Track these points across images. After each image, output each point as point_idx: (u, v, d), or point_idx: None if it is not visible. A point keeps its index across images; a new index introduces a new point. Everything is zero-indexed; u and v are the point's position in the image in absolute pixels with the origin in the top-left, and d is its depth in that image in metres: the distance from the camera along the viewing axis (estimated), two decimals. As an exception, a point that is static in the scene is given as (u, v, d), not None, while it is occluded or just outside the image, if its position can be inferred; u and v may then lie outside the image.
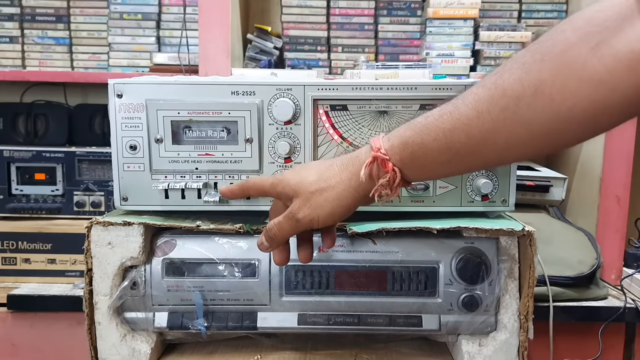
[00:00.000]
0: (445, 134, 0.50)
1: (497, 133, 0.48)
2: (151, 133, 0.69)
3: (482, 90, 0.48)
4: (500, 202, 0.70)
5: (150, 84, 0.69)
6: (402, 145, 0.53)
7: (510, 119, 0.47)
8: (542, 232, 0.76)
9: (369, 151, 0.55)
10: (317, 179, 0.57)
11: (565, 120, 0.45)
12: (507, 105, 0.47)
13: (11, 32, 1.29)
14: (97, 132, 1.27)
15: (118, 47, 1.28)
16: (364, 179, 0.55)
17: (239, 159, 0.70)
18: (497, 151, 0.50)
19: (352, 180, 0.56)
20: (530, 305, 0.68)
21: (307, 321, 0.70)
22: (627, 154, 1.09)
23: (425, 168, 0.54)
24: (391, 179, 0.54)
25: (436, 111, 0.52)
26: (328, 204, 0.57)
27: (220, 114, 0.68)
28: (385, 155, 0.54)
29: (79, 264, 1.08)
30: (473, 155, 0.51)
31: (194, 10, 1.24)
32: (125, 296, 0.69)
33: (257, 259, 0.69)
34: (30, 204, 1.12)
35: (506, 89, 0.47)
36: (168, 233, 0.71)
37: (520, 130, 0.47)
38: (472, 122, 0.49)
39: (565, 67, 0.44)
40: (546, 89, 0.44)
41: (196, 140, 0.69)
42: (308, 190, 0.57)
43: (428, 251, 0.69)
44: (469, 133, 0.49)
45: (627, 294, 1.03)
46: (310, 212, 0.57)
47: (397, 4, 1.29)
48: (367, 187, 0.56)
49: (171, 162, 0.70)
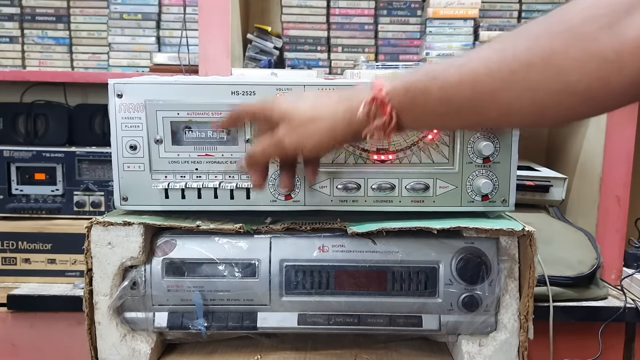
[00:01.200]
0: (452, 84, 0.50)
1: (502, 93, 0.48)
2: (151, 134, 0.69)
3: (492, 52, 0.49)
4: (500, 202, 0.70)
5: (150, 84, 0.69)
6: (404, 89, 0.53)
7: (518, 83, 0.47)
8: (542, 232, 0.76)
9: (370, 89, 0.54)
10: (310, 107, 0.57)
11: (570, 94, 0.46)
12: (518, 69, 0.47)
13: (11, 32, 1.29)
14: (97, 132, 1.27)
15: (118, 47, 1.28)
16: (360, 116, 0.54)
17: (239, 159, 0.70)
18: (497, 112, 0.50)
19: (347, 114, 0.55)
20: (530, 305, 0.68)
21: (307, 321, 0.70)
22: (627, 154, 1.09)
23: (422, 116, 0.54)
24: (387, 122, 0.54)
25: (443, 62, 0.52)
26: (317, 134, 0.56)
27: (220, 114, 0.68)
28: (385, 97, 0.53)
29: (79, 264, 1.07)
30: (472, 112, 0.51)
31: (194, 10, 1.24)
32: (125, 296, 0.69)
33: (257, 259, 0.69)
34: (30, 204, 1.12)
35: (517, 54, 0.47)
36: (168, 233, 0.71)
37: (525, 96, 0.48)
38: (480, 78, 0.49)
39: (577, 41, 0.44)
40: (556, 59, 0.45)
41: (196, 141, 0.69)
42: (299, 117, 0.57)
43: (428, 251, 0.69)
44: (475, 88, 0.49)
45: (627, 294, 1.03)
46: (298, 140, 0.57)
47: (397, 4, 1.29)
48: (360, 125, 0.55)
49: (171, 163, 0.70)
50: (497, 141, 0.68)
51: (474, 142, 0.68)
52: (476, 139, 0.68)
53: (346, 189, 0.70)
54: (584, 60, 0.44)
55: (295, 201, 0.70)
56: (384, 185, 0.70)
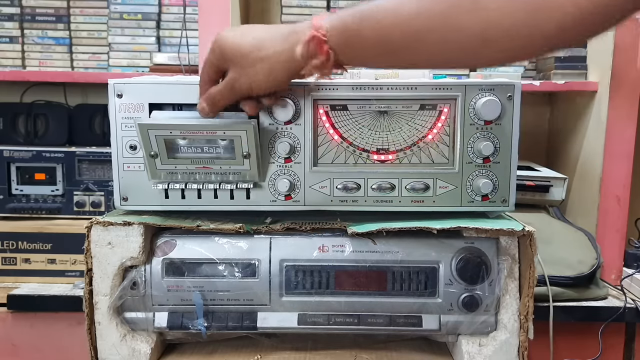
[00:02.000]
0: (383, 28, 0.52)
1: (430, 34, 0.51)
2: (146, 150, 0.66)
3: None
4: (500, 202, 0.70)
5: (151, 84, 0.68)
6: (341, 28, 0.54)
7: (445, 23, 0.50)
8: (542, 232, 0.76)
9: (310, 28, 0.55)
10: (254, 46, 0.58)
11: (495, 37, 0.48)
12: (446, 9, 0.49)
13: (11, 32, 1.29)
14: (97, 132, 1.27)
15: (118, 47, 1.28)
16: (298, 56, 0.55)
17: (239, 170, 0.69)
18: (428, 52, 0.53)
19: (286, 54, 0.57)
20: (530, 305, 0.68)
21: (307, 321, 0.70)
22: (627, 154, 1.10)
23: (359, 56, 0.56)
24: (324, 61, 0.55)
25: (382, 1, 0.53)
26: (261, 74, 0.58)
27: (214, 133, 0.66)
28: (323, 37, 0.54)
29: (79, 264, 1.08)
30: (405, 52, 0.53)
31: (194, 10, 1.24)
32: (125, 296, 0.69)
33: (257, 259, 0.69)
34: (30, 204, 1.12)
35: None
36: (168, 233, 0.71)
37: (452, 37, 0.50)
38: (411, 20, 0.51)
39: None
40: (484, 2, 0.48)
41: (192, 156, 0.68)
42: (243, 59, 0.58)
43: (428, 251, 0.69)
44: (404, 31, 0.51)
45: (627, 294, 1.03)
46: (246, 81, 0.59)
47: (397, 4, 1.29)
48: (300, 64, 0.56)
49: (169, 174, 0.68)
50: (497, 141, 0.68)
51: (474, 142, 0.68)
52: (476, 139, 0.68)
53: (346, 189, 0.70)
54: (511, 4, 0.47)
55: (295, 201, 0.70)
56: (384, 185, 0.70)
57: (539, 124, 1.45)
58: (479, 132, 0.68)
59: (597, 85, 1.14)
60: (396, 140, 0.70)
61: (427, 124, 0.69)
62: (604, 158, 1.10)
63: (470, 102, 0.68)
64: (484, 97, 0.67)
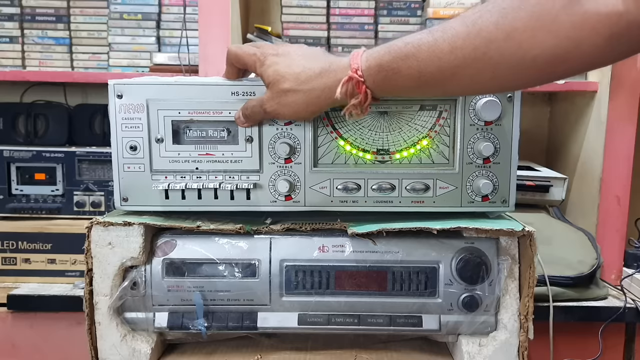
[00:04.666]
0: (420, 64, 0.53)
1: (465, 69, 0.52)
2: (152, 132, 0.69)
3: (462, 27, 0.52)
4: (500, 202, 0.70)
5: (151, 84, 0.69)
6: (378, 67, 0.56)
7: (479, 59, 0.51)
8: (542, 232, 0.76)
9: (347, 68, 0.58)
10: (293, 79, 0.60)
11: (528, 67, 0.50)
12: (480, 45, 0.50)
13: (11, 32, 1.29)
14: (97, 132, 1.27)
15: (118, 47, 1.28)
16: (339, 96, 0.58)
17: (240, 158, 0.70)
18: (461, 86, 0.55)
19: (325, 92, 0.60)
20: (530, 306, 0.68)
21: (307, 321, 0.70)
22: (627, 154, 1.10)
23: (393, 90, 0.59)
24: (362, 100, 0.58)
25: (416, 39, 0.54)
26: (295, 105, 0.61)
27: (220, 113, 0.68)
28: (361, 78, 0.57)
29: (79, 264, 1.08)
30: (439, 86, 0.55)
31: (194, 10, 1.24)
32: (125, 296, 0.69)
33: (257, 259, 0.69)
34: (30, 204, 1.12)
35: (482, 30, 0.50)
36: (168, 233, 0.71)
37: (486, 70, 0.51)
38: (445, 56, 0.52)
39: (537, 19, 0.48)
40: (517, 36, 0.49)
41: (197, 140, 0.69)
42: (281, 87, 0.61)
43: (428, 251, 0.69)
44: (440, 67, 0.53)
45: (627, 294, 1.03)
46: (277, 108, 0.63)
47: (397, 4, 1.29)
48: (338, 101, 0.59)
49: (171, 162, 0.70)
50: (497, 141, 0.68)
51: (474, 142, 0.68)
52: (476, 139, 0.68)
53: (346, 189, 0.70)
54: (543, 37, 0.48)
55: (295, 201, 0.70)
56: (384, 185, 0.70)
57: (539, 124, 1.45)
58: (479, 133, 0.68)
59: (597, 85, 1.14)
60: (396, 141, 0.70)
61: (427, 125, 0.69)
62: (604, 158, 1.10)
63: (471, 103, 0.68)
64: (484, 97, 0.67)
